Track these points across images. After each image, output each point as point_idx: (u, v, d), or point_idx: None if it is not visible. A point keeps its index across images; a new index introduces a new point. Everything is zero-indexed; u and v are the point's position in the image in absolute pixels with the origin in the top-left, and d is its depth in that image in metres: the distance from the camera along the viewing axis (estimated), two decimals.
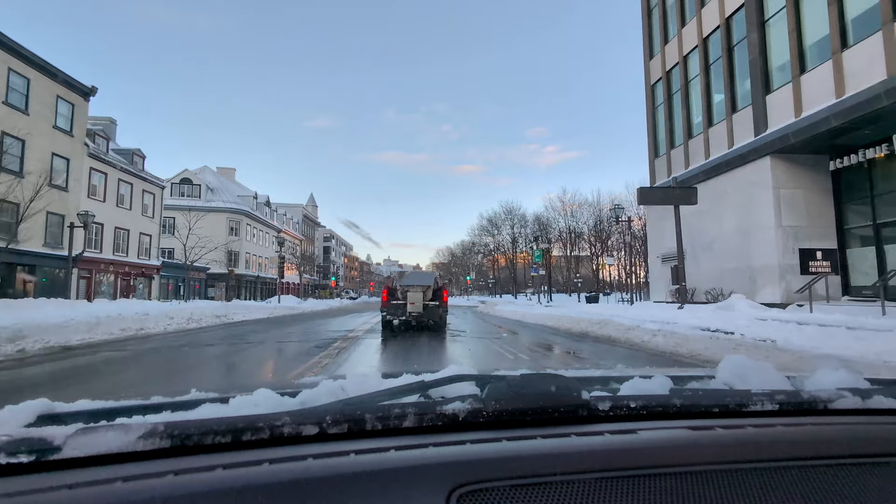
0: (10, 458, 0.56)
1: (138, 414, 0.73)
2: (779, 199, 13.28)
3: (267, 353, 8.30)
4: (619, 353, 8.01)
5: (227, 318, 17.75)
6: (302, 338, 10.49)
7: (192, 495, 0.52)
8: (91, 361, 6.97)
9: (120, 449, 0.58)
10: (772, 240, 13.32)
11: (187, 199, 41.64)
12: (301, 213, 67.21)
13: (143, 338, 10.38)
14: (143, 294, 28.28)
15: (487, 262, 74.73)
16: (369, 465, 0.58)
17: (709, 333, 8.59)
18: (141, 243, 28.42)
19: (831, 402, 0.79)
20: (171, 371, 6.44)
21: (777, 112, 13.36)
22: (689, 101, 17.78)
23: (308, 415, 0.67)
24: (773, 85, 13.69)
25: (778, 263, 13.16)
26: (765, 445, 0.66)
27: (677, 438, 0.68)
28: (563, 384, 0.75)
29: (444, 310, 11.76)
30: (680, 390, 0.84)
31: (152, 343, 9.41)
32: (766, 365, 0.95)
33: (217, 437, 0.61)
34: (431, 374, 0.88)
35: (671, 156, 18.92)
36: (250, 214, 45.65)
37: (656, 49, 20.09)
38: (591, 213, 57.39)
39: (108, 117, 29.70)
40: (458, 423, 0.69)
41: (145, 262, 28.50)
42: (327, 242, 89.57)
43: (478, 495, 0.55)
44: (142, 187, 28.61)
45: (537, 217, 61.74)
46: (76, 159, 22.64)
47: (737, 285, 14.16)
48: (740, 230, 14.56)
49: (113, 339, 9.83)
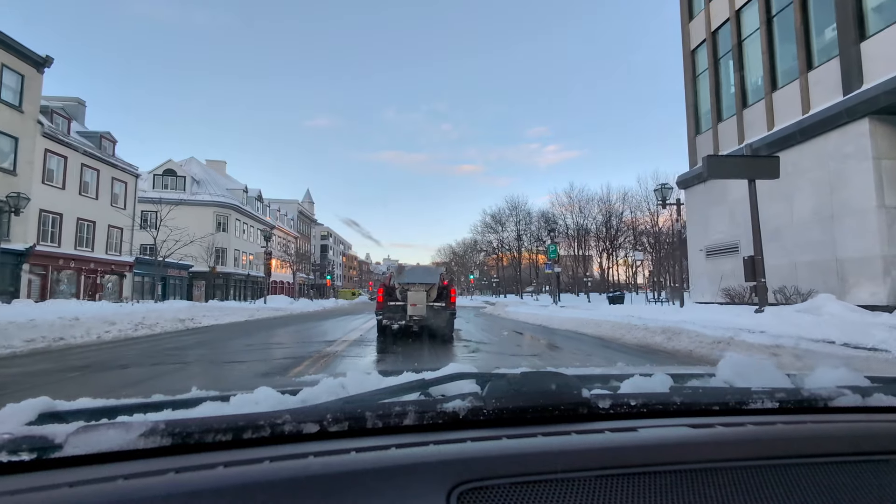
0: (11, 456, 0.56)
1: (139, 412, 0.74)
2: (881, 172, 10.40)
3: (177, 383, 5.41)
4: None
5: (193, 323, 14.89)
6: (260, 355, 7.61)
7: (193, 493, 0.51)
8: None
9: (121, 447, 0.58)
10: (871, 225, 10.44)
11: (171, 192, 38.77)
12: (296, 210, 64.28)
13: (42, 353, 7.53)
14: (114, 294, 25.38)
15: (490, 261, 71.91)
16: (370, 463, 0.57)
17: (851, 350, 5.91)
18: (110, 237, 25.47)
19: (831, 399, 0.79)
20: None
21: (876, 62, 10.48)
22: (744, 63, 14.89)
23: (309, 413, 0.67)
24: (870, 29, 10.80)
25: (881, 255, 10.28)
26: (765, 443, 0.66)
27: (678, 436, 0.67)
28: (564, 382, 0.75)
29: (452, 312, 9.68)
30: (680, 388, 0.86)
31: (27, 363, 6.54)
32: (767, 363, 0.95)
33: (218, 436, 0.61)
34: (432, 373, 0.89)
35: (718, 131, 16.04)
36: (239, 209, 42.76)
37: (698, 6, 17.19)
38: (599, 208, 54.56)
39: (75, 98, 26.80)
40: (458, 421, 0.69)
41: (115, 259, 25.55)
42: (325, 241, 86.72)
43: (478, 493, 0.55)
44: (111, 174, 25.62)
45: (543, 213, 58.91)
46: (26, 139, 19.72)
47: (816, 282, 11.30)
48: (820, 215, 11.68)
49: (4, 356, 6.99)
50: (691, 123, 17.63)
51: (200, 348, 8.63)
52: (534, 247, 59.31)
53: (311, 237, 72.70)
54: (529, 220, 59.23)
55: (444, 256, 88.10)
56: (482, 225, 63.88)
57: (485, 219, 63.93)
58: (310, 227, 71.64)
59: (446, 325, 9.51)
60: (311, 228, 72.15)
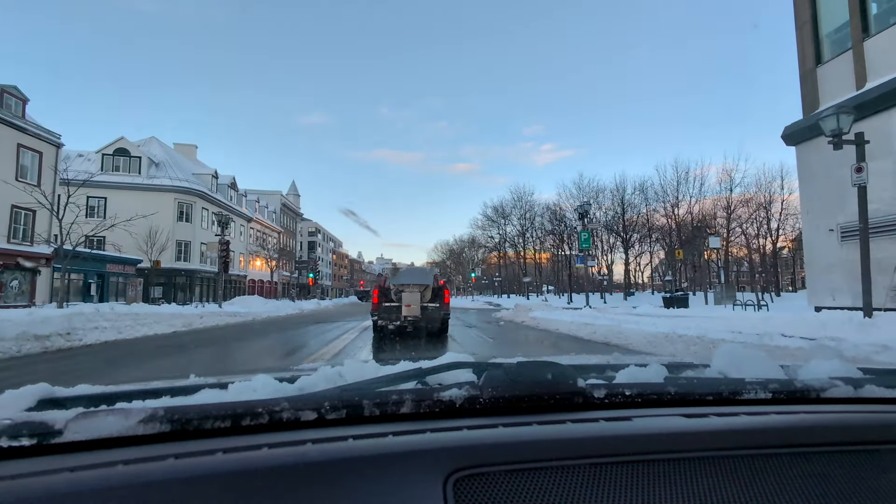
0: (11, 441, 0.56)
1: (138, 399, 0.74)
2: None
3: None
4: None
5: (64, 341, 9.46)
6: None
7: (192, 479, 0.52)
8: None
9: (120, 433, 0.58)
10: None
11: (124, 175, 33.06)
12: (279, 202, 58.50)
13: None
14: (22, 295, 19.72)
15: (491, 259, 66.48)
16: (367, 450, 0.58)
17: None
18: (15, 222, 19.82)
19: (824, 390, 0.79)
20: None
21: None
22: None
23: (306, 400, 0.66)
24: None
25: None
26: (758, 433, 0.67)
27: (671, 426, 0.68)
28: (559, 372, 0.74)
29: (446, 312, 9.97)
30: (675, 378, 0.85)
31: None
32: (761, 354, 0.94)
33: (216, 422, 0.61)
34: (429, 362, 0.89)
35: (865, 50, 10.77)
36: (207, 196, 37.05)
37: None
38: (612, 199, 49.35)
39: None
40: (454, 410, 0.69)
41: (22, 249, 19.88)
42: (313, 237, 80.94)
43: (474, 480, 0.56)
44: (15, 139, 19.91)
45: (548, 206, 53.69)
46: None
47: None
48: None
49: None
50: (807, 50, 12.34)
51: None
52: (541, 240, 54.12)
53: (297, 232, 66.89)
54: (533, 216, 53.93)
55: (440, 254, 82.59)
56: (483, 217, 58.39)
57: (486, 211, 58.46)
58: (295, 222, 65.84)
59: (441, 324, 9.75)
60: (296, 223, 66.33)
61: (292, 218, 64.37)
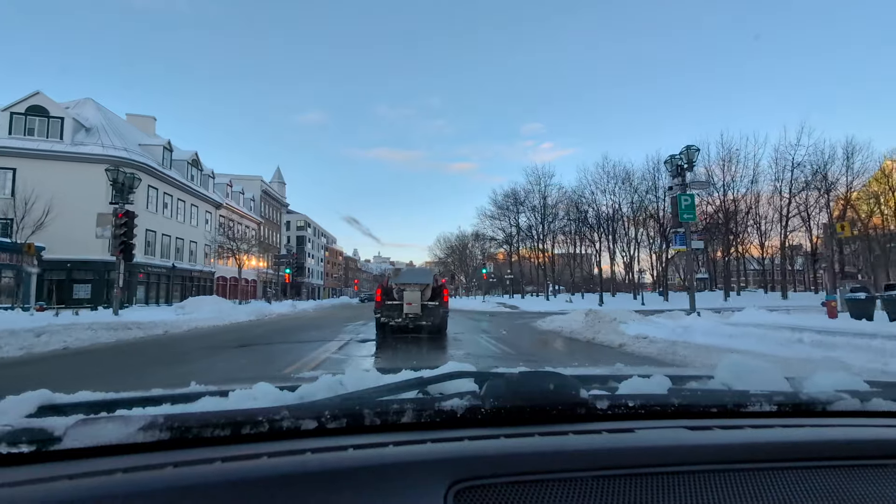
0: (11, 447, 0.55)
1: (138, 406, 0.73)
2: None
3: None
4: None
5: None
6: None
7: (191, 487, 0.51)
8: None
9: (120, 440, 0.57)
10: None
11: (38, 140, 25.58)
12: (259, 188, 51.07)
13: None
14: None
15: (500, 256, 59.10)
16: (367, 460, 0.57)
17: None
18: None
19: (830, 403, 0.78)
20: None
21: None
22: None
23: (307, 409, 0.66)
24: None
25: None
26: (762, 446, 0.66)
27: (675, 438, 0.67)
28: (562, 382, 0.73)
29: (445, 311, 10.56)
30: (678, 390, 0.84)
31: None
32: (765, 366, 0.93)
33: (216, 431, 0.61)
34: (430, 371, 0.88)
35: None
36: (155, 172, 29.59)
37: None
38: (645, 185, 42.08)
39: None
40: (456, 420, 0.68)
41: None
42: (302, 231, 73.53)
43: (475, 492, 0.55)
44: None
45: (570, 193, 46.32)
46: None
47: None
48: None
49: None
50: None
51: None
52: (563, 232, 46.86)
53: (280, 224, 59.39)
54: (555, 201, 46.58)
55: (442, 250, 75.09)
56: (493, 206, 50.78)
57: (496, 198, 50.89)
58: (278, 212, 58.32)
59: (440, 321, 10.30)
60: (279, 214, 58.81)
61: (276, 208, 56.91)
